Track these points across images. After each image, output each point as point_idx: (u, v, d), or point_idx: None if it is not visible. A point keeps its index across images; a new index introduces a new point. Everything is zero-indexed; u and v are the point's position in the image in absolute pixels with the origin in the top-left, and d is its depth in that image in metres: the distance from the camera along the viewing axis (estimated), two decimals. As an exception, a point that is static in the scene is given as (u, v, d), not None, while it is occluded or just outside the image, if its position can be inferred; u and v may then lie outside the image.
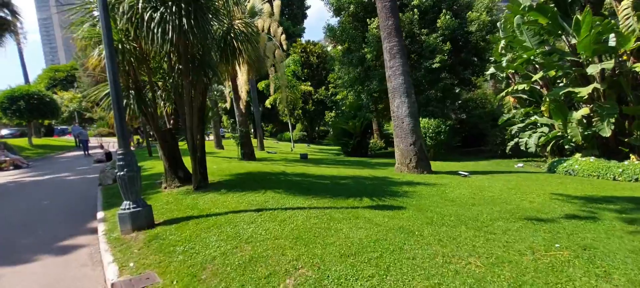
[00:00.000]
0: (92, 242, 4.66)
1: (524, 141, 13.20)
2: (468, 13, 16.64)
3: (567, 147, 11.75)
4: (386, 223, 4.12)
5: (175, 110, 7.44)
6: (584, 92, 9.95)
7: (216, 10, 6.72)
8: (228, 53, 7.36)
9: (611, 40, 9.86)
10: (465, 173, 9.77)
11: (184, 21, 5.48)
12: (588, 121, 10.91)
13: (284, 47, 15.01)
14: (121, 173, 4.48)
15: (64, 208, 6.75)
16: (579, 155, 11.00)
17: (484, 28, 16.42)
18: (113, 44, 4.65)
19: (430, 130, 15.17)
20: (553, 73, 11.42)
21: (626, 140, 9.99)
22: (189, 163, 7.43)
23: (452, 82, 18.24)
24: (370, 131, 22.26)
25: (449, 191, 6.56)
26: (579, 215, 4.61)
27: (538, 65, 12.65)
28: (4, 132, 30.99)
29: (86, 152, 18.31)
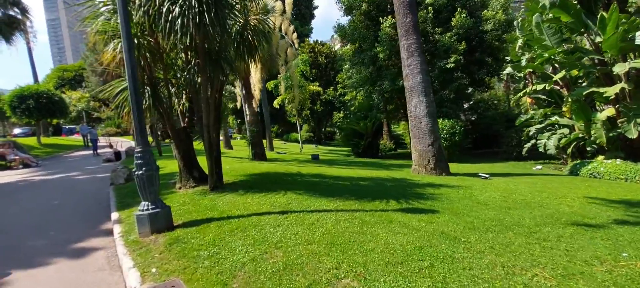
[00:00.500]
0: (108, 245, 4.41)
1: (543, 143, 12.78)
2: (483, 11, 16.28)
3: (589, 149, 11.34)
4: (424, 227, 3.82)
5: (190, 108, 7.21)
6: (611, 92, 9.56)
7: (232, 5, 6.50)
8: (243, 49, 7.13)
9: (638, 38, 9.48)
10: (485, 175, 9.42)
11: (205, 15, 5.25)
12: (612, 122, 10.52)
13: (296, 46, 14.76)
14: (139, 172, 4.23)
15: (76, 208, 6.53)
16: (602, 157, 10.60)
17: (500, 27, 16.04)
18: (131, 35, 4.41)
19: (444, 130, 14.81)
20: (576, 72, 11.05)
21: (653, 142, 9.59)
22: (203, 163, 7.23)
23: (466, 83, 17.87)
24: (381, 132, 21.92)
25: (477, 194, 6.24)
26: (628, 220, 4.28)
27: (557, 64, 12.27)
28: (17, 131, 31.07)
29: (95, 152, 18.20)
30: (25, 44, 28.47)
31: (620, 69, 9.43)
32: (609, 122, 10.44)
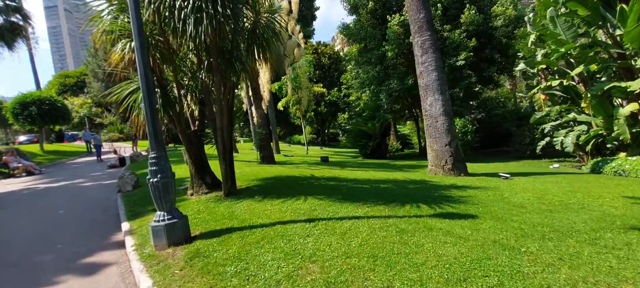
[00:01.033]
0: (121, 259, 4.06)
1: (560, 140, 12.39)
2: (492, 8, 15.94)
3: (609, 146, 10.95)
4: (472, 236, 3.46)
5: (200, 110, 6.88)
6: (635, 86, 9.18)
7: (244, 2, 6.17)
8: (255, 48, 6.79)
9: (661, 30, 9.10)
10: (506, 175, 9.04)
11: (220, 10, 4.92)
12: (634, 118, 10.14)
13: (303, 46, 14.45)
14: (154, 179, 3.89)
15: (83, 218, 6.19)
16: (623, 154, 10.22)
17: (510, 23, 15.70)
18: (143, 32, 4.08)
19: (456, 129, 14.44)
20: (595, 67, 10.68)
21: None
22: (214, 167, 6.88)
23: (475, 80, 17.52)
24: (389, 133, 21.58)
25: (508, 195, 5.87)
26: (688, 223, 3.90)
27: (573, 59, 11.91)
28: (22, 138, 30.62)
29: (99, 158, 17.88)
30: (27, 52, 28.34)
31: (644, 62, 9.07)
32: (631, 118, 10.06)
